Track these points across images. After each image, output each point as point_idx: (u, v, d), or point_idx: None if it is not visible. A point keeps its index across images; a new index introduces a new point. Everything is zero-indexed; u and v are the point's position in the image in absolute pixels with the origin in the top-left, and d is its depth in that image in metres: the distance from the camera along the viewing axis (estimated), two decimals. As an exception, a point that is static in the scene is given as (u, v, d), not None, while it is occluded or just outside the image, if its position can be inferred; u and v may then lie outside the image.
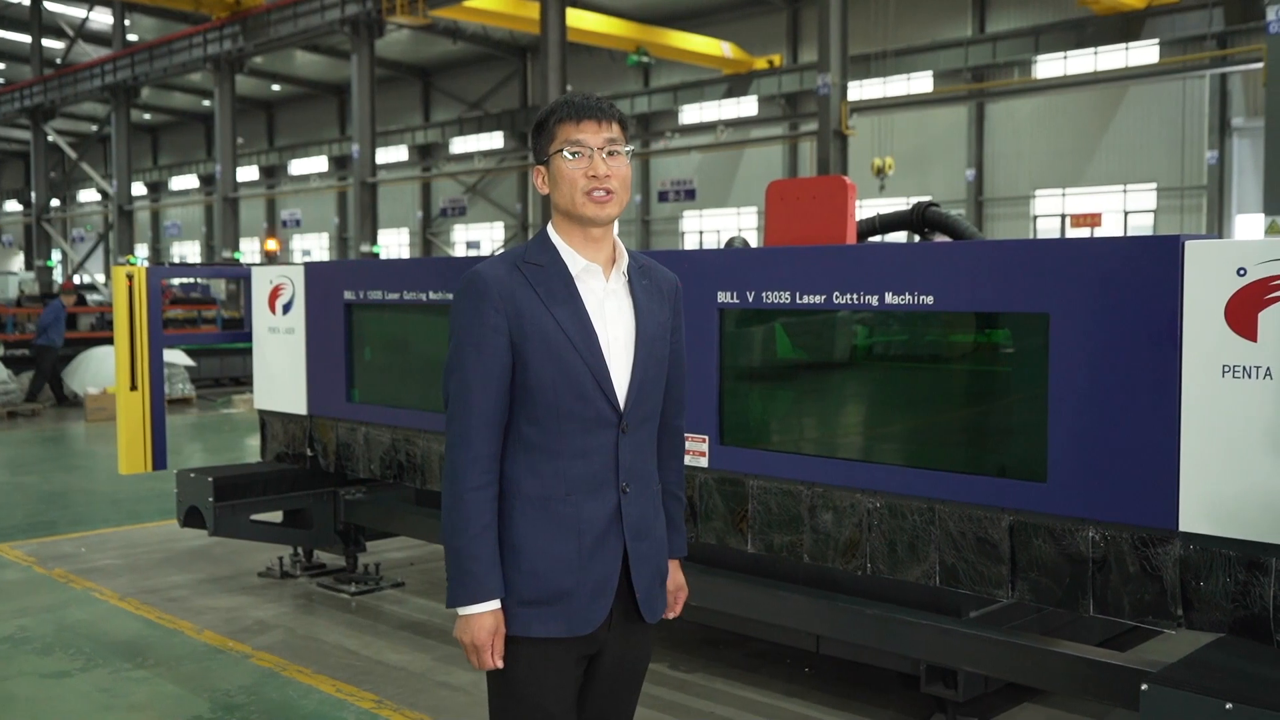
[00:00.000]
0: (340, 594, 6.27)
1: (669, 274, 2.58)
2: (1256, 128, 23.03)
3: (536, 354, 2.34)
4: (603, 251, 2.44)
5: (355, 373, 5.92)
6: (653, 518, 2.50)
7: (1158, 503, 3.26)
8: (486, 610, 2.33)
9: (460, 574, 2.34)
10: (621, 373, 2.39)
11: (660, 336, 2.48)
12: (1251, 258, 3.08)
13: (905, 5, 28.05)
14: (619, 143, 2.43)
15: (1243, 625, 3.15)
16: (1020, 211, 29.10)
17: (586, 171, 2.38)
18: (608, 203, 2.39)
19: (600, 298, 2.41)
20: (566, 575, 2.36)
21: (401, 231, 45.07)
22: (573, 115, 2.40)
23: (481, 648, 2.34)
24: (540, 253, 2.42)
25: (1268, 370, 3.05)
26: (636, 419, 2.42)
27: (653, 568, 2.49)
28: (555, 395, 2.35)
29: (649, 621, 2.50)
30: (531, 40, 33.90)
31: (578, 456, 2.37)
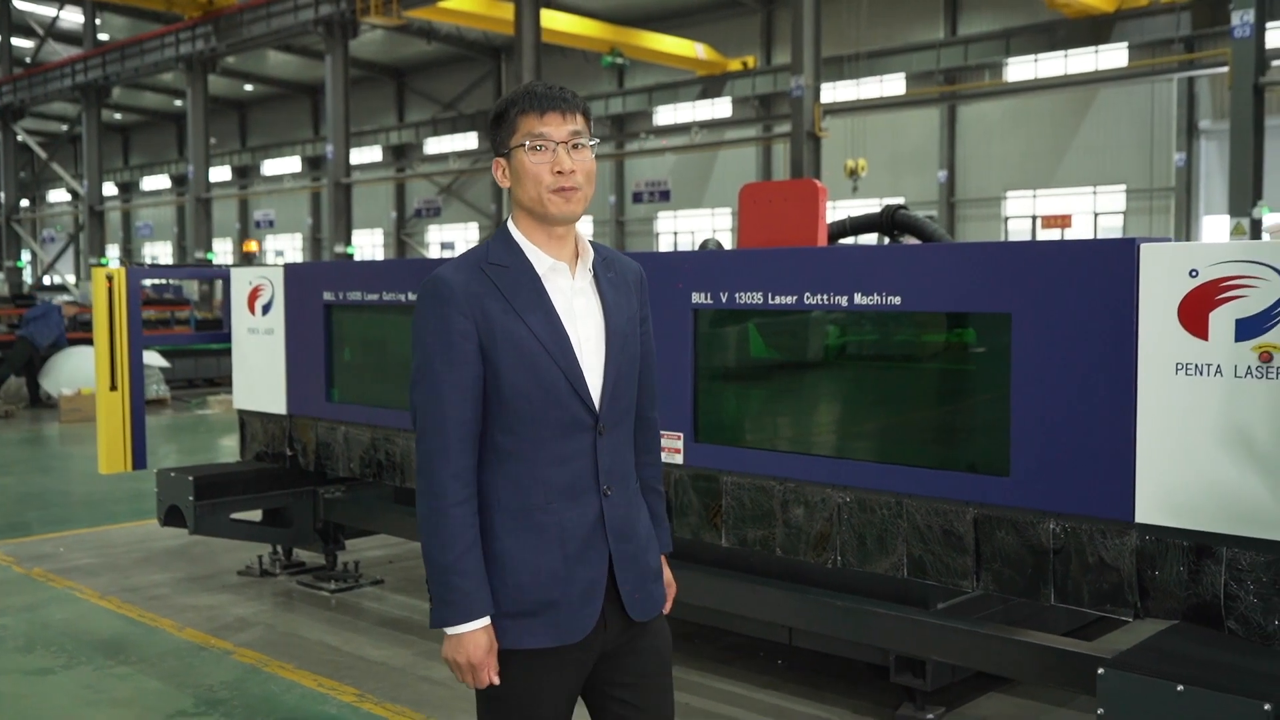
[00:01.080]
0: (320, 591, 6.34)
1: (632, 264, 2.51)
2: (1223, 130, 23.33)
3: (507, 361, 2.26)
4: (567, 248, 2.36)
5: (335, 373, 5.99)
6: (635, 516, 2.43)
7: (1115, 495, 3.39)
8: (478, 628, 2.25)
9: (447, 592, 2.25)
10: (595, 373, 2.31)
11: (630, 331, 2.40)
12: (1203, 260, 3.21)
13: (878, 8, 28.27)
14: (583, 134, 2.33)
15: (1195, 612, 3.28)
16: (992, 213, 29.38)
17: (551, 167, 2.27)
18: (573, 198, 2.29)
19: (568, 296, 2.33)
20: (552, 585, 2.29)
21: (376, 232, 45.00)
22: (535, 106, 2.29)
23: (479, 666, 2.26)
24: (504, 253, 2.32)
25: (1218, 368, 3.19)
26: (612, 418, 2.35)
27: (640, 567, 2.41)
28: (529, 402, 2.27)
29: (637, 619, 2.40)
30: (506, 41, 33.92)
31: (555, 463, 2.30)
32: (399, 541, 7.30)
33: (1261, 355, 3.12)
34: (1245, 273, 3.14)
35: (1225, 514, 3.19)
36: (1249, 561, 3.18)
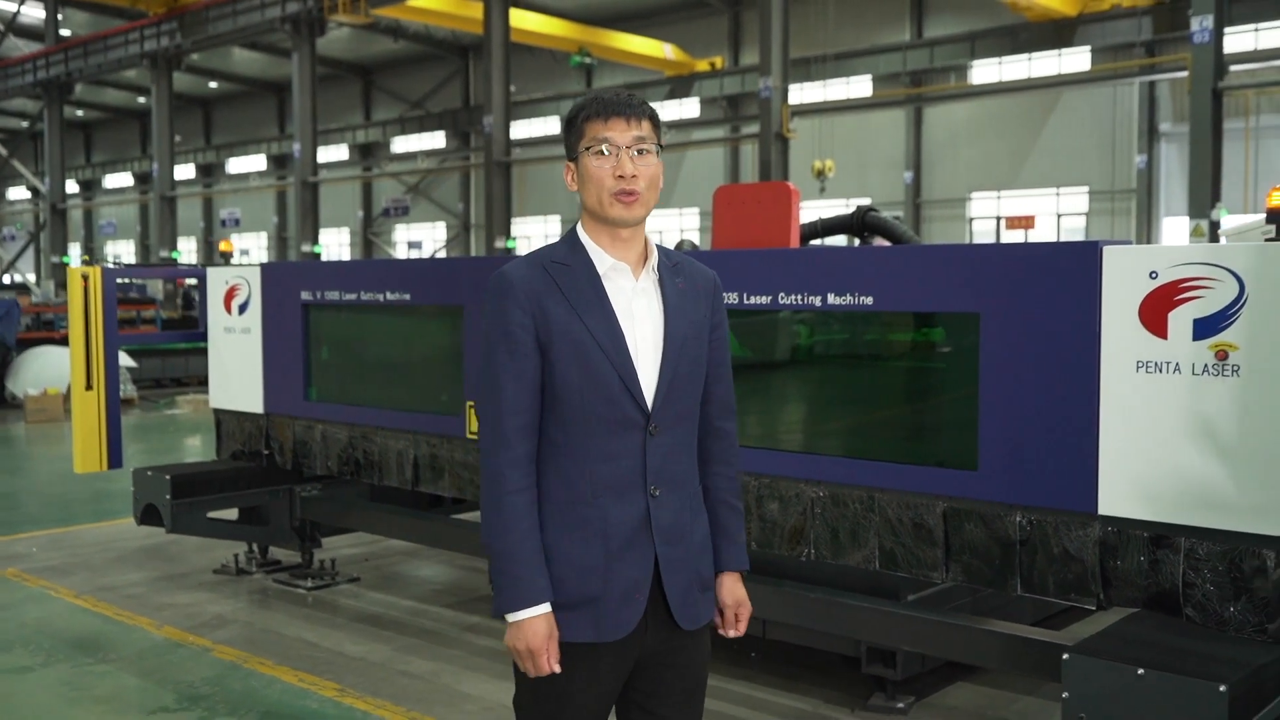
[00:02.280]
0: (297, 589, 6.39)
1: (707, 271, 2.51)
2: (1183, 133, 23.70)
3: (562, 356, 2.30)
4: (632, 250, 2.39)
5: (312, 372, 6.04)
6: (689, 522, 2.42)
7: (1079, 488, 3.51)
8: (538, 614, 2.27)
9: (507, 579, 2.29)
10: (649, 374, 2.34)
11: (694, 336, 2.41)
12: (1162, 262, 3.34)
13: (844, 10, 28.51)
14: (648, 141, 2.36)
15: (1155, 600, 3.42)
16: (957, 214, 29.68)
17: (614, 171, 2.32)
18: (634, 203, 2.33)
19: (628, 297, 2.36)
20: (593, 580, 2.31)
21: (342, 231, 44.83)
22: (601, 112, 2.34)
23: (537, 652, 2.27)
24: (567, 252, 2.38)
25: (1176, 366, 3.32)
26: (666, 421, 2.36)
27: (689, 573, 2.41)
28: (581, 398, 2.30)
29: (685, 628, 2.41)
30: (474, 40, 33.92)
31: (603, 459, 2.32)
32: (375, 539, 7.35)
33: (1218, 354, 3.25)
34: (1202, 274, 3.28)
35: (1184, 505, 3.33)
36: (1206, 551, 3.31)
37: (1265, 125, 23.64)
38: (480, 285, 5.13)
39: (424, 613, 5.98)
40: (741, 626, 2.55)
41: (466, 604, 6.12)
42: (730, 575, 2.55)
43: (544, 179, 37.83)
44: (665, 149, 7.46)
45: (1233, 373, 3.22)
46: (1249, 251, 3.22)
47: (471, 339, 5.18)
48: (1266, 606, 3.21)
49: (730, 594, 2.55)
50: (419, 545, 7.17)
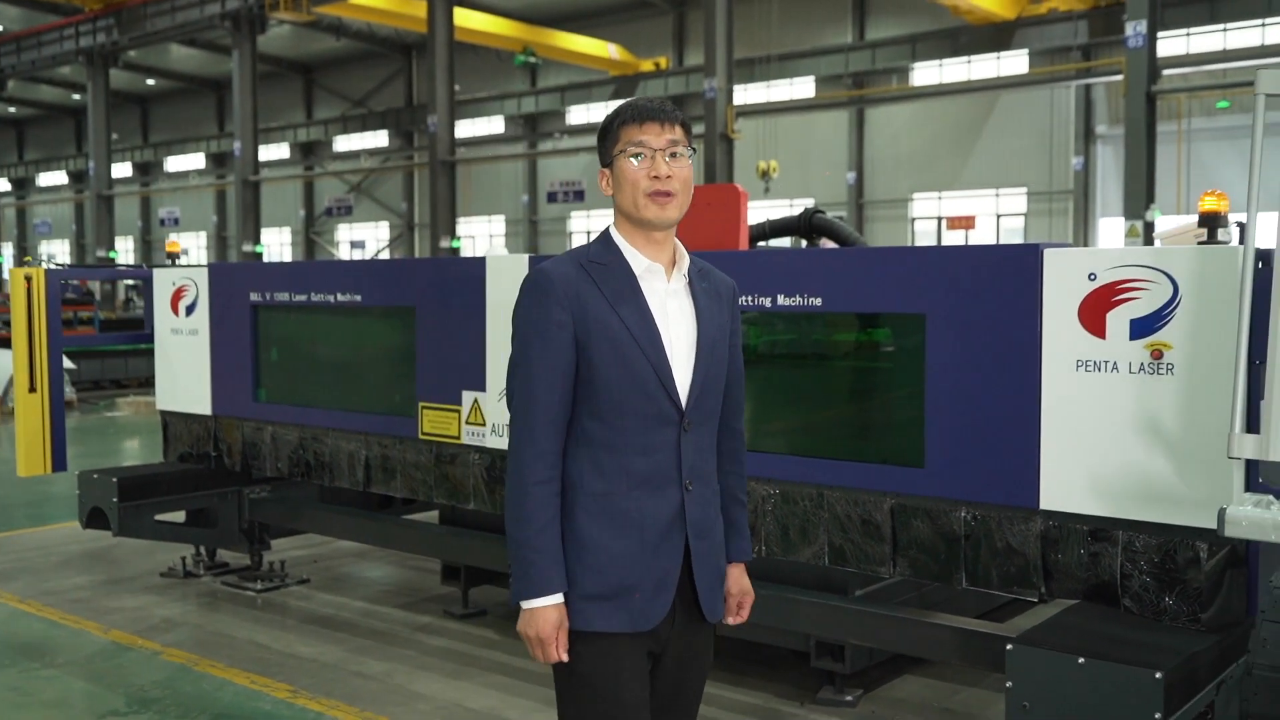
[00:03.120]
0: (246, 591, 6.36)
1: (726, 278, 2.61)
2: (1118, 135, 24.18)
3: (601, 351, 2.37)
4: (664, 253, 2.46)
5: (262, 373, 6.02)
6: (713, 518, 2.53)
7: (1021, 484, 3.62)
8: (549, 604, 2.35)
9: (524, 567, 2.36)
10: (683, 372, 2.42)
11: (720, 339, 2.51)
12: (1101, 264, 3.45)
13: (787, 11, 28.72)
14: (681, 144, 2.44)
15: (1095, 592, 3.53)
16: (899, 214, 30.02)
17: (649, 172, 2.40)
18: (669, 204, 2.40)
19: (662, 298, 2.44)
20: (629, 571, 2.38)
21: (284, 231, 44.33)
22: (636, 117, 2.42)
23: (545, 641, 2.35)
24: (604, 252, 2.45)
25: (1114, 364, 3.43)
26: (698, 418, 2.45)
27: (713, 567, 2.52)
28: (619, 392, 2.37)
29: (710, 620, 2.53)
30: (417, 38, 33.71)
31: (640, 453, 2.40)
32: (324, 541, 7.33)
33: (1153, 353, 3.37)
34: (1138, 276, 3.39)
35: (1122, 500, 3.44)
36: (1142, 544, 3.43)
37: (1197, 128, 24.18)
38: (432, 286, 5.18)
39: (375, 614, 5.98)
40: (744, 614, 2.69)
41: (417, 604, 6.13)
42: (737, 566, 2.66)
43: (489, 179, 37.70)
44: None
45: (1168, 371, 3.34)
46: (1183, 254, 3.34)
47: (424, 339, 5.20)
48: (1200, 596, 3.33)
49: (736, 583, 2.66)
50: (368, 546, 7.16)
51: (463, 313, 5.02)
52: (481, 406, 4.99)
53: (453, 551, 5.58)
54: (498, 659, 5.22)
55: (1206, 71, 22.89)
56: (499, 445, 4.93)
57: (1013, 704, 3.19)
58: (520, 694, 4.78)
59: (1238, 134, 23.72)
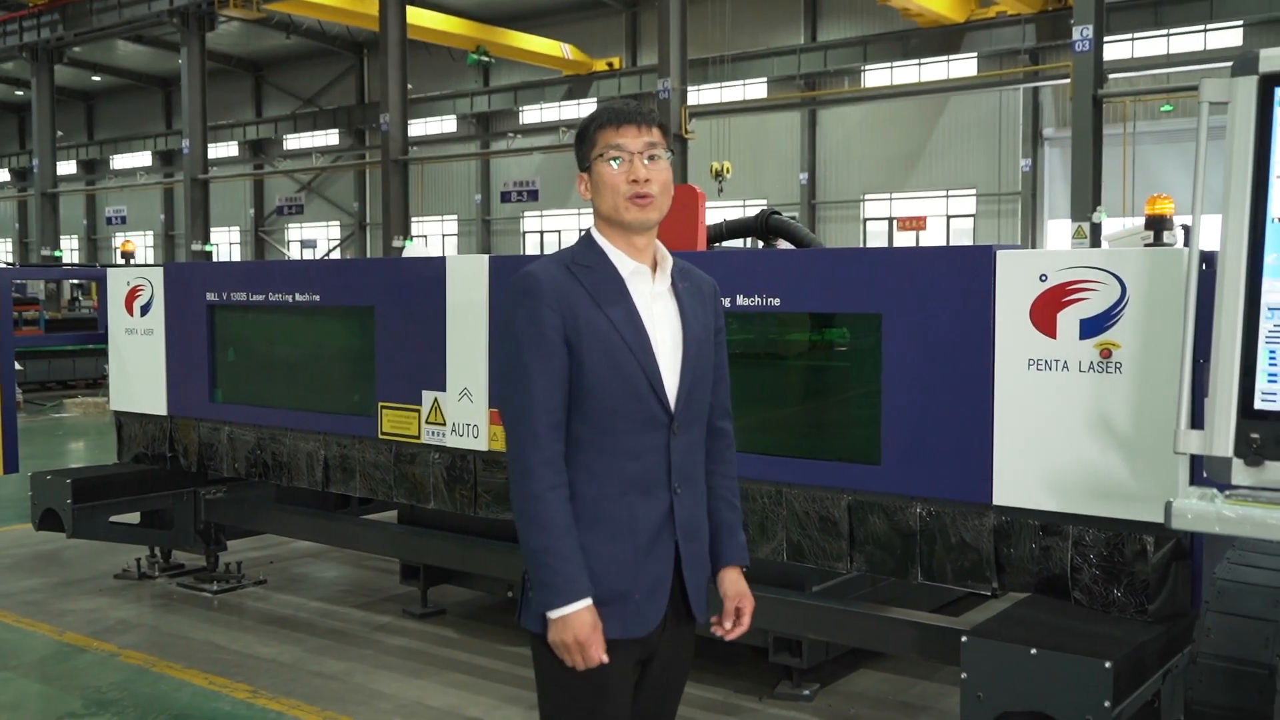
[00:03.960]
0: (202, 593, 6.32)
1: (708, 277, 2.61)
2: (1065, 138, 24.54)
3: (591, 354, 2.35)
4: (647, 255, 2.45)
5: (219, 373, 5.99)
6: (702, 519, 2.52)
7: (975, 480, 3.70)
8: (584, 607, 2.30)
9: (549, 575, 2.30)
10: (671, 373, 2.42)
11: (705, 339, 2.51)
12: (1051, 265, 3.55)
13: (740, 12, 28.86)
14: (659, 147, 2.42)
15: (1046, 585, 3.62)
16: (851, 214, 30.27)
17: (627, 176, 2.38)
18: (649, 207, 2.39)
19: (648, 300, 2.43)
20: (622, 576, 2.36)
21: (233, 230, 43.85)
22: (613, 121, 2.41)
23: (587, 644, 2.30)
24: (589, 255, 2.43)
25: (1064, 363, 3.52)
26: (686, 420, 2.44)
27: (702, 569, 2.51)
28: (610, 395, 2.35)
29: (700, 621, 2.51)
30: (369, 36, 33.50)
31: (631, 456, 2.38)
32: (280, 541, 7.30)
33: (1102, 352, 3.47)
34: (1088, 277, 3.49)
35: (1072, 495, 3.54)
36: (1092, 538, 3.53)
37: (1142, 131, 24.61)
38: (391, 286, 5.18)
39: (333, 613, 5.97)
40: (745, 621, 2.58)
41: (375, 604, 6.13)
42: (733, 570, 2.61)
43: (441, 178, 37.55)
44: (565, 149, 7.50)
45: (1116, 369, 3.44)
46: (1130, 256, 3.45)
47: (384, 339, 5.20)
48: (1147, 588, 3.44)
49: (734, 587, 2.60)
50: (323, 547, 7.15)
51: (423, 313, 5.03)
52: (441, 406, 5.00)
53: (412, 551, 5.59)
54: (457, 657, 5.24)
55: (1151, 76, 23.31)
56: (459, 445, 4.95)
57: (968, 695, 3.27)
58: (481, 691, 4.81)
59: (1181, 137, 24.16)
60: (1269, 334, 2.42)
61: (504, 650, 5.31)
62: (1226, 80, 2.53)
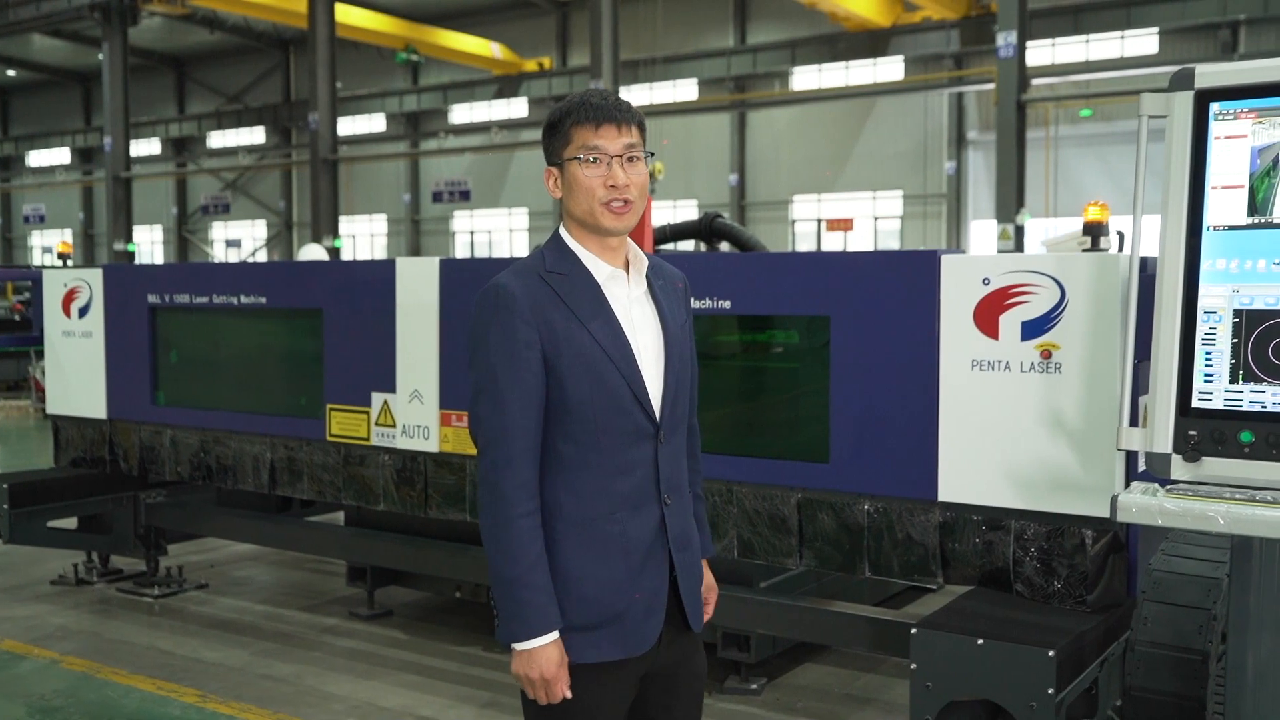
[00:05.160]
0: (143, 597, 6.25)
1: (677, 272, 2.51)
2: (989, 141, 25.08)
3: (572, 370, 2.24)
4: (620, 256, 2.36)
5: (161, 376, 5.93)
6: (691, 525, 2.45)
7: (921, 477, 3.82)
8: (549, 641, 2.22)
9: (516, 606, 2.22)
10: (655, 381, 2.33)
11: (684, 339, 2.42)
12: (994, 269, 3.67)
13: (671, 13, 29.03)
14: (638, 148, 2.31)
15: (989, 578, 3.75)
16: (779, 215, 30.59)
17: (605, 181, 2.26)
18: (626, 213, 2.29)
19: (626, 305, 2.33)
20: (618, 597, 2.28)
21: (155, 229, 43.02)
22: (591, 118, 2.27)
23: (552, 681, 2.22)
24: (561, 261, 2.31)
25: (1006, 364, 3.65)
26: (671, 426, 2.36)
27: (695, 576, 2.43)
28: (594, 411, 2.25)
29: (696, 630, 2.45)
30: (296, 33, 33.11)
31: (619, 472, 2.29)
32: (222, 544, 7.24)
33: (1042, 353, 3.60)
34: (1029, 281, 3.62)
35: (1014, 491, 3.67)
36: (1032, 532, 3.66)
37: (1063, 135, 25.22)
38: (340, 288, 5.19)
39: (279, 616, 5.95)
40: (709, 610, 2.58)
41: (321, 606, 6.11)
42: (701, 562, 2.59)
43: (370, 177, 37.19)
44: (495, 149, 7.52)
45: (1056, 370, 3.57)
46: (1069, 260, 3.58)
47: (332, 341, 5.20)
48: (1086, 580, 3.58)
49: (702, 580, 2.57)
50: (262, 549, 7.11)
51: (372, 315, 5.04)
52: (391, 408, 5.02)
53: (361, 553, 5.59)
54: (407, 658, 5.26)
55: (1072, 82, 23.89)
56: (410, 446, 4.97)
57: (917, 684, 3.38)
58: (433, 691, 4.84)
59: (1099, 141, 24.83)
60: (1205, 336, 2.55)
61: (454, 650, 5.34)
62: (1165, 95, 2.66)
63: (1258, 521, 2.37)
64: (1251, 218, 2.53)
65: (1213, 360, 2.54)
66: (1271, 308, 2.49)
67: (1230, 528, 2.40)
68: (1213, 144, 2.59)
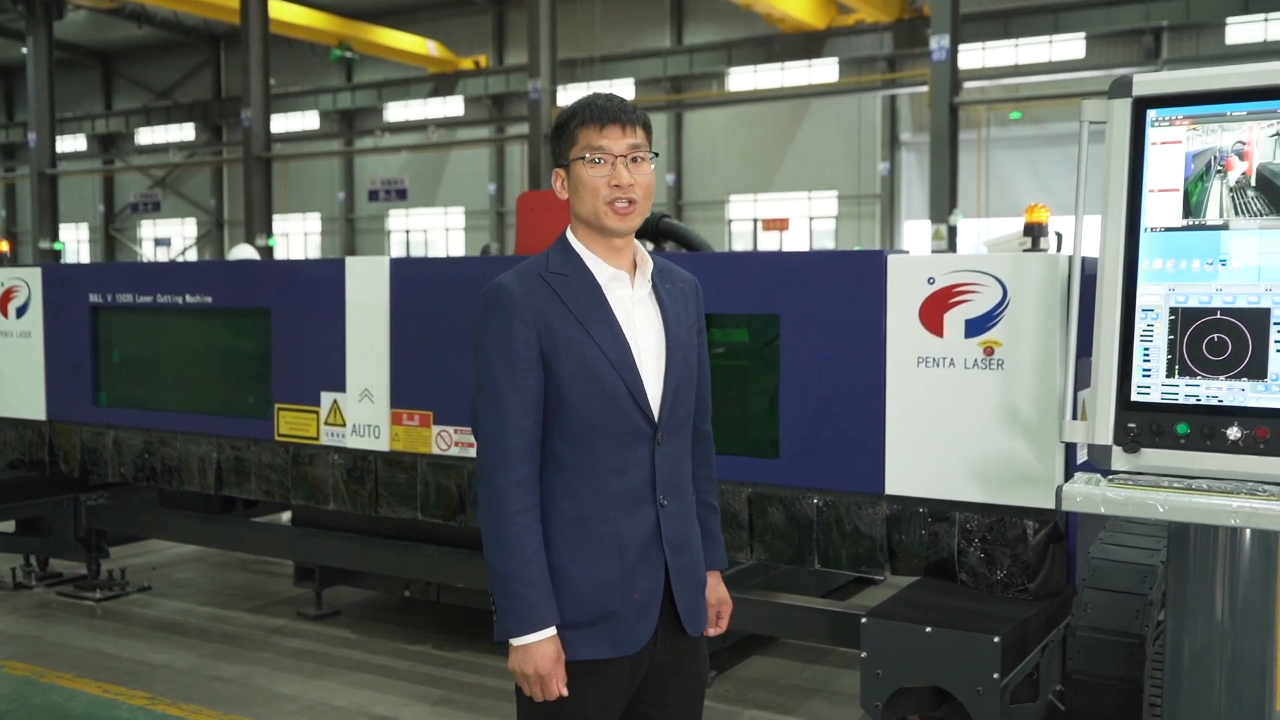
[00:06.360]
0: (84, 601, 6.18)
1: (689, 275, 2.53)
2: (922, 142, 25.46)
3: (570, 370, 2.27)
4: (625, 258, 2.38)
5: (103, 376, 5.87)
6: (690, 529, 2.45)
7: (868, 471, 3.92)
8: (545, 637, 2.25)
9: (513, 602, 2.24)
10: (654, 383, 2.34)
11: (689, 342, 2.43)
12: (939, 269, 3.78)
13: (608, 13, 29.06)
14: (643, 149, 2.33)
15: (935, 568, 3.86)
16: (716, 215, 30.76)
17: (609, 180, 2.29)
18: (630, 214, 2.32)
19: (628, 307, 2.35)
20: (611, 596, 2.30)
21: (81, 227, 42.13)
22: (596, 119, 2.30)
23: (548, 677, 2.25)
24: (564, 262, 2.34)
25: (950, 360, 3.77)
26: (671, 428, 2.37)
27: (693, 580, 2.44)
28: (590, 412, 2.28)
29: (691, 634, 2.45)
30: (226, 29, 32.63)
31: (615, 473, 2.30)
32: (165, 546, 7.17)
33: (985, 349, 3.72)
34: (972, 280, 3.74)
35: (958, 484, 3.78)
36: (976, 523, 3.78)
37: (995, 137, 25.68)
38: (288, 287, 5.18)
39: (225, 618, 5.91)
40: (723, 624, 2.62)
41: (268, 607, 6.08)
42: (713, 574, 2.61)
43: (303, 176, 36.75)
44: (431, 148, 7.57)
45: (998, 366, 3.69)
46: (1010, 260, 3.70)
47: (280, 341, 5.19)
48: (1027, 569, 3.70)
49: (713, 592, 2.61)
50: (204, 551, 7.06)
51: (322, 314, 5.03)
52: (341, 407, 5.02)
53: (309, 552, 5.58)
54: (357, 657, 5.26)
55: (1002, 85, 24.33)
56: (360, 445, 4.98)
57: (867, 672, 3.47)
58: (385, 690, 4.85)
59: (1029, 143, 25.32)
60: (1143, 333, 2.66)
61: (404, 649, 5.36)
62: (1104, 101, 2.77)
63: (1194, 509, 2.49)
64: (1186, 220, 2.65)
65: (1150, 356, 2.65)
66: (1205, 305, 2.60)
67: (1169, 515, 2.51)
68: (1149, 149, 2.70)
